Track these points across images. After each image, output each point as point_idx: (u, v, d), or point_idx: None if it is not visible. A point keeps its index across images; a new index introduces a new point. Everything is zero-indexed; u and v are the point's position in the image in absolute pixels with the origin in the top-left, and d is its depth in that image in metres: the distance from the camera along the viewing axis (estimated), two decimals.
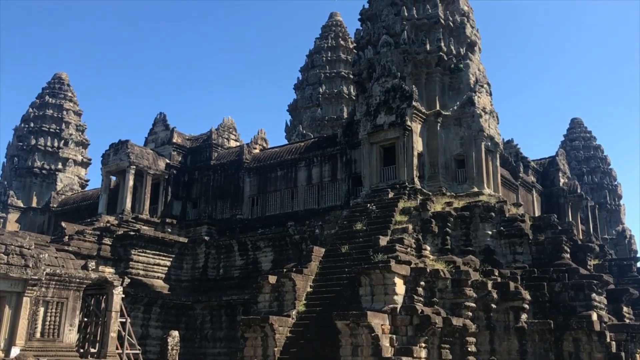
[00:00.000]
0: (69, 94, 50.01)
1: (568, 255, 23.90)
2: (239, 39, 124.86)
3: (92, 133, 75.49)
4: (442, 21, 31.23)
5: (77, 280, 18.32)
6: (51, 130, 47.48)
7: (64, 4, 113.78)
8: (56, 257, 18.59)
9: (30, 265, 16.52)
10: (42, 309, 17.49)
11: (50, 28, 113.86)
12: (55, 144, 47.38)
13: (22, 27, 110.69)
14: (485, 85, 31.17)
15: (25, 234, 25.95)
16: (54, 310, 17.78)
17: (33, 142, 46.65)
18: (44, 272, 17.04)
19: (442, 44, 30.66)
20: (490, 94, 31.68)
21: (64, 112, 48.57)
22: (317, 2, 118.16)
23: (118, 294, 19.81)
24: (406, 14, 31.51)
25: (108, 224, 32.29)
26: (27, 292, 16.72)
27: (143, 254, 31.52)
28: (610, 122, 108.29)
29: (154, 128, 40.05)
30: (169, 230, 34.77)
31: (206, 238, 33.36)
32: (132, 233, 31.18)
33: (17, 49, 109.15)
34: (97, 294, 19.96)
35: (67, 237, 29.46)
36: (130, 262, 30.84)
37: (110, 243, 30.96)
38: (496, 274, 22.32)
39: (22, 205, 45.26)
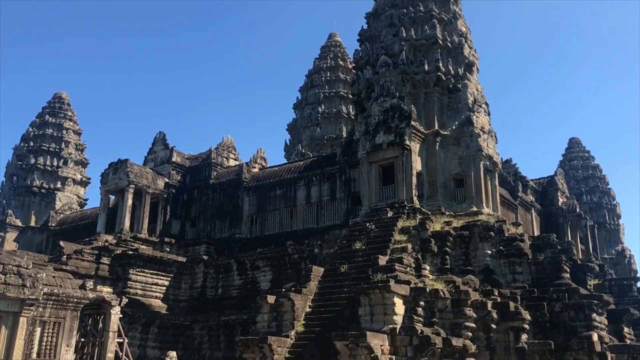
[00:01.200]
0: (69, 113, 50.20)
1: (568, 275, 23.81)
2: (239, 59, 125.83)
3: (92, 152, 75.94)
4: (440, 42, 31.50)
5: (75, 300, 18.20)
6: (51, 149, 47.57)
7: (65, 24, 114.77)
8: (54, 277, 18.50)
9: (28, 285, 16.43)
10: (38, 329, 17.34)
11: (50, 47, 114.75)
12: (55, 163, 47.43)
13: (22, 47, 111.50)
14: (483, 105, 31.35)
15: (23, 253, 25.83)
16: (50, 331, 17.62)
17: (32, 161, 46.70)
18: (42, 292, 16.94)
19: (441, 64, 30.89)
20: (489, 114, 31.85)
21: (64, 131, 48.71)
22: (316, 22, 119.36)
23: (116, 313, 19.67)
24: (404, 34, 31.79)
25: (106, 243, 32.19)
26: (24, 312, 16.59)
27: (141, 274, 31.37)
28: (608, 142, 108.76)
29: (153, 147, 40.14)
30: (168, 249, 34.65)
31: (205, 257, 33.24)
32: (130, 252, 31.07)
33: (18, 68, 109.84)
34: (94, 313, 19.82)
35: (65, 256, 29.34)
36: (129, 282, 30.67)
37: (109, 262, 30.82)
38: (496, 293, 22.21)
39: (20, 224, 45.16)
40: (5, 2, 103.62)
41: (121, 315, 20.30)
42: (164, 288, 32.47)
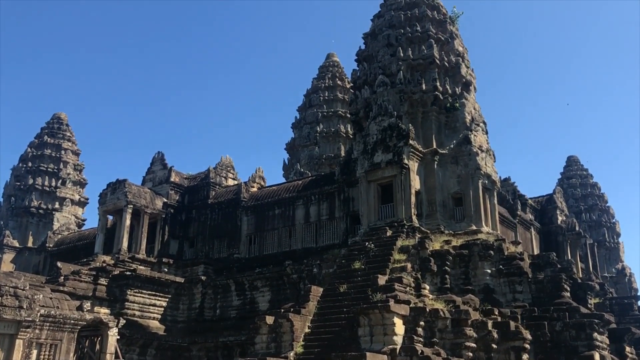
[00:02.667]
0: (68, 134, 50.33)
1: (568, 294, 23.70)
2: (238, 79, 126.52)
3: (90, 172, 75.51)
4: (438, 61, 31.72)
5: (72, 321, 18.05)
6: (49, 169, 47.58)
7: (64, 45, 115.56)
8: (51, 298, 18.37)
9: (25, 307, 16.29)
10: (35, 352, 17.16)
11: (49, 68, 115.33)
12: (53, 184, 47.40)
13: (21, 68, 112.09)
14: (481, 124, 31.48)
15: (20, 274, 25.73)
16: (47, 353, 17.43)
17: (31, 181, 46.68)
18: (38, 314, 16.80)
19: (438, 84, 31.07)
20: (487, 133, 31.97)
21: (62, 152, 48.77)
22: (314, 43, 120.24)
23: (113, 335, 19.50)
24: (402, 54, 32.02)
25: (104, 264, 32.02)
26: (21, 334, 16.43)
27: (139, 294, 31.16)
28: (606, 160, 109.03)
29: (151, 167, 40.14)
30: (166, 270, 34.46)
31: (203, 278, 33.05)
32: (128, 273, 30.90)
33: (17, 89, 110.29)
34: (91, 335, 19.64)
35: (62, 277, 29.15)
36: (126, 303, 30.45)
37: (106, 283, 30.62)
38: (496, 313, 22.07)
39: (17, 245, 44.97)
40: (5, 22, 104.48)
41: (118, 337, 20.13)
42: (162, 309, 32.22)
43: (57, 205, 47.01)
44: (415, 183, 28.84)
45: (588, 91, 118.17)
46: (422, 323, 20.26)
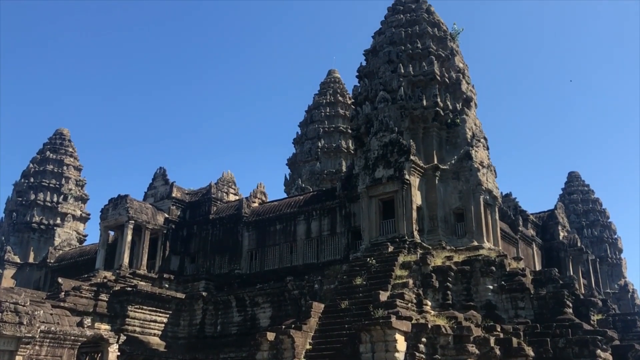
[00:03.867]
0: (70, 150, 50.50)
1: (571, 310, 23.58)
2: (239, 95, 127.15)
3: (92, 188, 76.04)
4: (438, 78, 31.89)
5: (72, 337, 17.97)
6: (51, 185, 47.67)
7: (67, 61, 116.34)
8: (51, 314, 18.31)
9: (25, 323, 16.23)
10: None
11: (52, 84, 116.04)
12: (55, 199, 47.46)
13: (24, 83, 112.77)
14: (482, 140, 31.55)
15: (20, 290, 25.65)
16: None
17: (32, 197, 46.74)
18: (39, 330, 16.72)
19: (439, 100, 31.21)
20: (488, 148, 32.03)
21: (64, 168, 48.90)
22: (315, 59, 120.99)
23: (113, 351, 19.41)
24: (403, 71, 32.21)
25: (105, 280, 31.94)
26: (20, 350, 16.33)
27: (140, 310, 31.04)
28: (607, 176, 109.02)
29: (153, 182, 40.19)
30: (167, 285, 34.37)
31: (204, 294, 32.93)
32: (129, 289, 30.80)
33: (19, 105, 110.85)
34: (92, 351, 19.55)
35: (63, 293, 29.06)
36: (127, 319, 30.31)
37: (107, 299, 30.51)
38: (498, 329, 21.95)
39: (18, 260, 44.92)
40: (7, 38, 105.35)
41: (119, 353, 20.03)
42: (163, 325, 32.07)
43: (58, 221, 47.02)
44: (417, 198, 28.85)
45: (589, 106, 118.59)
46: (424, 339, 20.15)
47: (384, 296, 22.31)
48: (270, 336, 22.05)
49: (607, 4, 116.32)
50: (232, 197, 40.18)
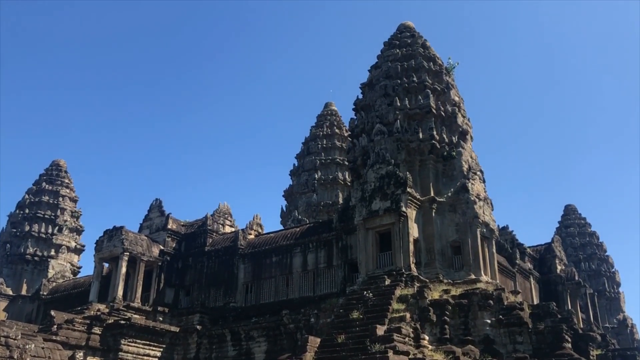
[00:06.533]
0: (66, 181, 50.44)
1: (569, 345, 23.31)
2: (236, 127, 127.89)
3: (87, 219, 75.71)
4: (434, 111, 32.18)
5: None
6: (46, 216, 47.46)
7: (63, 93, 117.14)
8: (43, 348, 18.03)
9: (15, 357, 15.98)
10: None
11: (49, 115, 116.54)
12: (50, 230, 47.19)
13: (20, 116, 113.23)
14: (478, 173, 31.67)
15: (12, 323, 25.31)
16: None
17: (27, 228, 46.47)
18: None
19: (435, 133, 31.42)
20: (484, 181, 32.13)
21: (60, 199, 48.76)
22: (312, 92, 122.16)
23: None
24: (399, 104, 32.51)
25: (98, 313, 31.54)
26: None
27: (133, 344, 30.57)
28: (604, 209, 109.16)
29: (149, 214, 40.06)
30: (161, 318, 33.94)
31: (198, 327, 32.50)
32: (122, 322, 30.39)
33: (16, 136, 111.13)
34: None
35: (55, 326, 28.63)
36: (120, 353, 29.83)
37: (100, 332, 30.08)
38: None
39: (11, 293, 44.40)
40: (5, 69, 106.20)
41: None
42: (156, 359, 31.55)
43: (52, 252, 46.67)
44: (414, 231, 28.79)
45: (585, 140, 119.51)
46: None
47: (380, 330, 22.04)
48: None
49: (602, 36, 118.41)
50: (228, 229, 40.03)
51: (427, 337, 23.10)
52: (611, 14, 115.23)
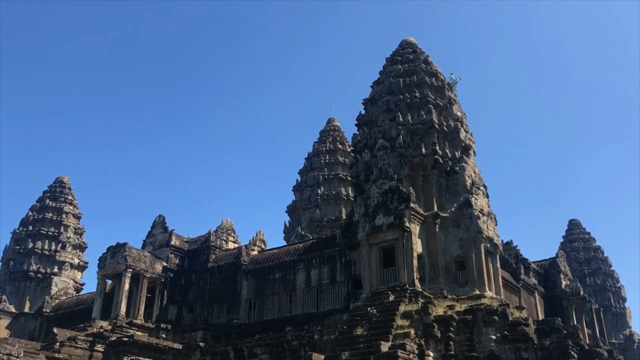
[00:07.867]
0: (70, 197, 50.53)
1: None
2: (239, 143, 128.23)
3: (91, 235, 75.77)
4: (437, 126, 32.22)
5: None
6: (49, 233, 47.47)
7: (67, 110, 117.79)
8: None
9: None
10: None
11: (52, 131, 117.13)
12: (53, 247, 47.18)
13: (24, 132, 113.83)
14: (481, 188, 31.61)
15: (15, 340, 25.22)
16: None
17: (30, 245, 46.47)
18: None
19: (438, 148, 31.43)
20: (487, 196, 32.05)
21: (64, 215, 48.81)
22: (315, 108, 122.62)
23: None
24: (401, 119, 32.58)
25: (101, 330, 31.43)
26: None
27: None
28: (608, 223, 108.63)
29: (152, 230, 40.06)
30: (164, 335, 33.77)
31: (201, 344, 32.25)
32: (125, 339, 30.24)
33: (19, 153, 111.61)
34: None
35: (58, 343, 28.54)
36: None
37: (103, 350, 29.94)
38: None
39: (14, 310, 44.30)
40: (7, 86, 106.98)
41: None
42: None
43: (56, 269, 46.62)
44: (417, 246, 28.67)
45: (589, 154, 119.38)
46: None
47: (385, 347, 21.87)
48: None
49: (604, 51, 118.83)
50: (231, 245, 39.96)
51: (431, 354, 22.90)
52: (613, 25, 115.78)
